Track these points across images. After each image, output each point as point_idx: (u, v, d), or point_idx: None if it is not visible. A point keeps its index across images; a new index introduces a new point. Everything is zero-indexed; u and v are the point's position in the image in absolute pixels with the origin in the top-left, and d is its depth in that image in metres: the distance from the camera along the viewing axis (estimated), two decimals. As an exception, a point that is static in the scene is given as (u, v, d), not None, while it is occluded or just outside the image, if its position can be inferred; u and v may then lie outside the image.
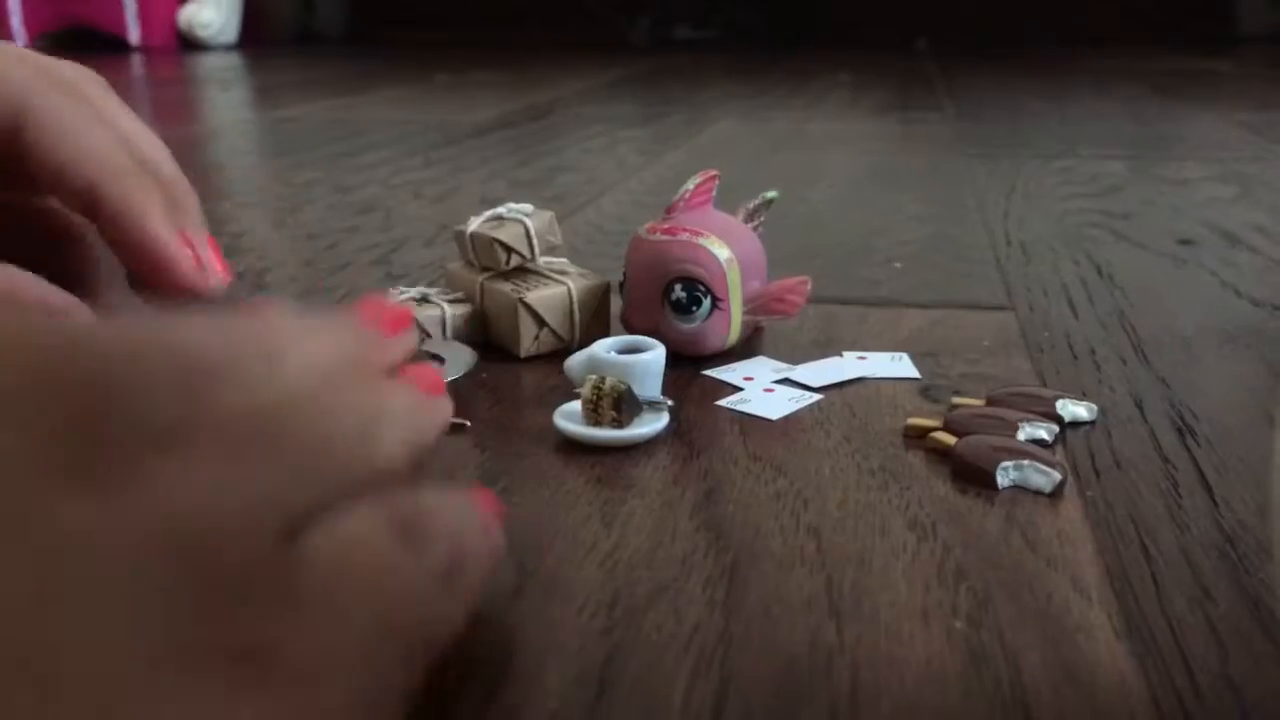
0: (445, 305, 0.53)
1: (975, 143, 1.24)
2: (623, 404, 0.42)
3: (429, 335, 0.51)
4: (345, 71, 2.29)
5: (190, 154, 1.24)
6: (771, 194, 0.58)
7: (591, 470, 0.41)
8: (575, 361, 0.47)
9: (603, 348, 0.46)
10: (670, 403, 0.45)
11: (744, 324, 0.52)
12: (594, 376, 0.43)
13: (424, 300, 0.54)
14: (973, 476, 0.39)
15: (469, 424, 0.45)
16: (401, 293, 0.55)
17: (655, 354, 0.46)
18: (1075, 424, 0.45)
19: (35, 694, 0.16)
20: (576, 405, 0.44)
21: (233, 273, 0.39)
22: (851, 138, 1.30)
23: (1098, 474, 0.40)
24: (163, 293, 0.37)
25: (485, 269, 0.54)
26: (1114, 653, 0.30)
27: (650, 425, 0.43)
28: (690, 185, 0.54)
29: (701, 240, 0.50)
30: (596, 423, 0.43)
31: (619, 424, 0.42)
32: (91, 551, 0.17)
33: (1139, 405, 0.47)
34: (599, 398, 0.42)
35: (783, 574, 0.33)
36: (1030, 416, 0.43)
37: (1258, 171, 1.05)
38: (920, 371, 0.50)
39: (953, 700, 0.28)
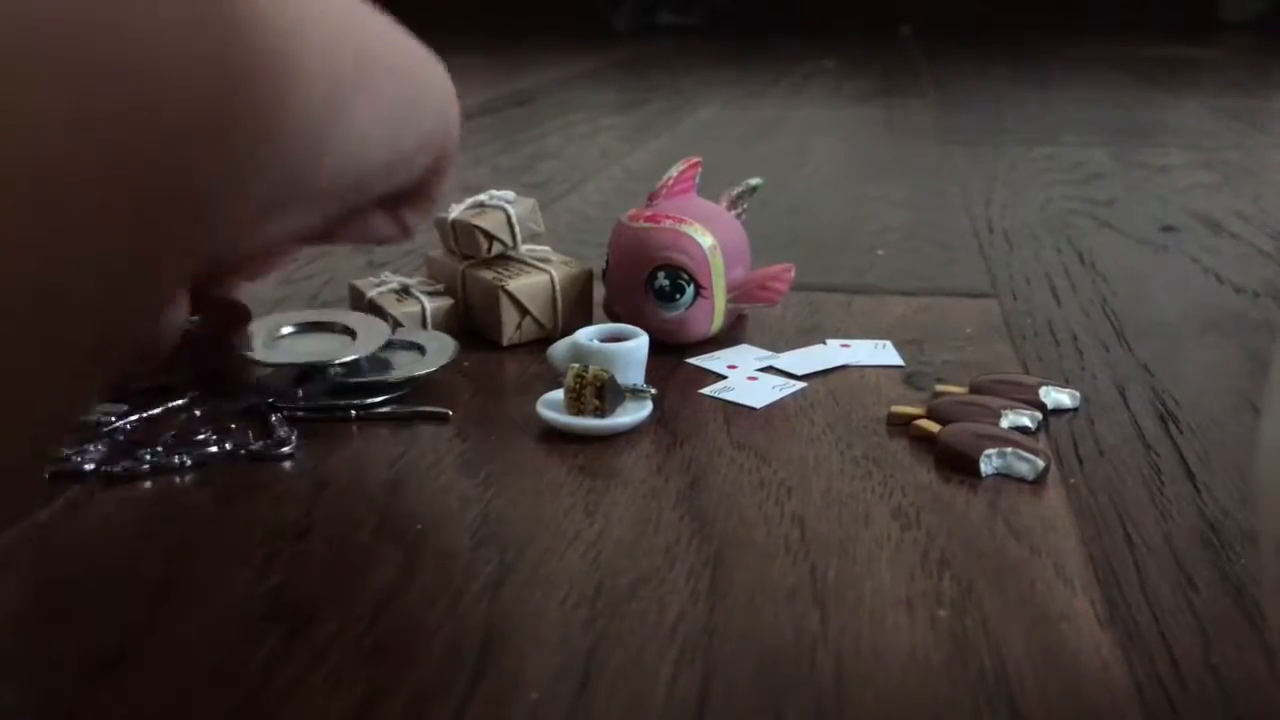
0: (425, 299, 0.52)
1: (959, 130, 1.24)
2: (605, 393, 0.42)
3: (401, 325, 0.51)
4: (326, 58, 2.27)
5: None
6: (755, 181, 0.58)
7: (574, 459, 0.40)
8: (558, 349, 0.47)
9: (585, 335, 0.46)
10: (653, 391, 0.44)
11: (727, 312, 0.52)
12: (576, 365, 0.43)
13: (404, 293, 0.53)
14: (956, 464, 0.39)
15: (450, 414, 0.44)
16: (383, 283, 0.54)
17: (638, 342, 0.46)
18: (1058, 411, 0.45)
19: None
20: (559, 394, 0.43)
21: None
22: (835, 125, 1.30)
23: (1081, 461, 0.40)
24: None
25: (466, 257, 0.54)
26: (1097, 640, 0.29)
27: (633, 414, 0.43)
28: (673, 172, 0.53)
29: (685, 228, 0.50)
30: (579, 411, 0.42)
31: (601, 413, 0.42)
32: None
33: (1121, 392, 0.47)
34: (581, 386, 0.42)
35: (766, 563, 0.33)
36: (1013, 404, 0.43)
37: (1239, 159, 1.05)
38: (904, 359, 0.50)
39: (937, 689, 0.28)
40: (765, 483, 0.39)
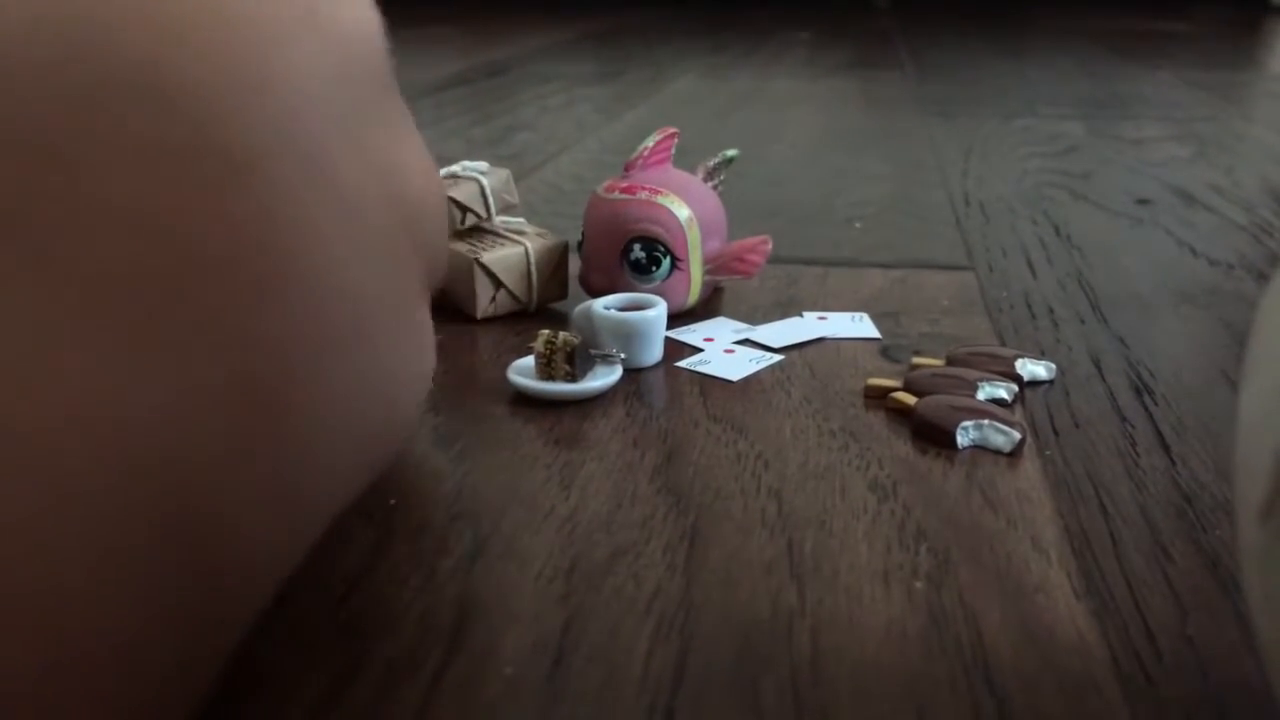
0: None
1: (935, 102, 1.24)
2: (575, 358, 0.42)
3: None
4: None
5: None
6: (731, 152, 0.57)
7: (550, 432, 0.40)
8: (578, 316, 0.47)
9: (602, 305, 0.46)
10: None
11: (704, 284, 0.51)
12: (546, 331, 0.42)
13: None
14: (933, 436, 0.39)
15: (424, 386, 0.44)
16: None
17: (659, 310, 0.46)
18: (1034, 383, 0.45)
19: None
20: (529, 360, 0.43)
21: None
22: (811, 96, 1.30)
23: (1056, 433, 0.40)
24: None
25: (440, 228, 0.53)
26: (1073, 612, 0.30)
27: (603, 379, 0.43)
28: (649, 143, 0.53)
29: (660, 199, 0.50)
30: (550, 377, 0.42)
31: (571, 378, 0.42)
32: None
33: (1097, 364, 0.47)
34: (552, 352, 0.42)
35: (743, 537, 0.33)
36: (990, 376, 0.43)
37: (1214, 131, 1.06)
38: (880, 331, 0.50)
39: (913, 661, 0.28)
40: (742, 456, 0.38)
